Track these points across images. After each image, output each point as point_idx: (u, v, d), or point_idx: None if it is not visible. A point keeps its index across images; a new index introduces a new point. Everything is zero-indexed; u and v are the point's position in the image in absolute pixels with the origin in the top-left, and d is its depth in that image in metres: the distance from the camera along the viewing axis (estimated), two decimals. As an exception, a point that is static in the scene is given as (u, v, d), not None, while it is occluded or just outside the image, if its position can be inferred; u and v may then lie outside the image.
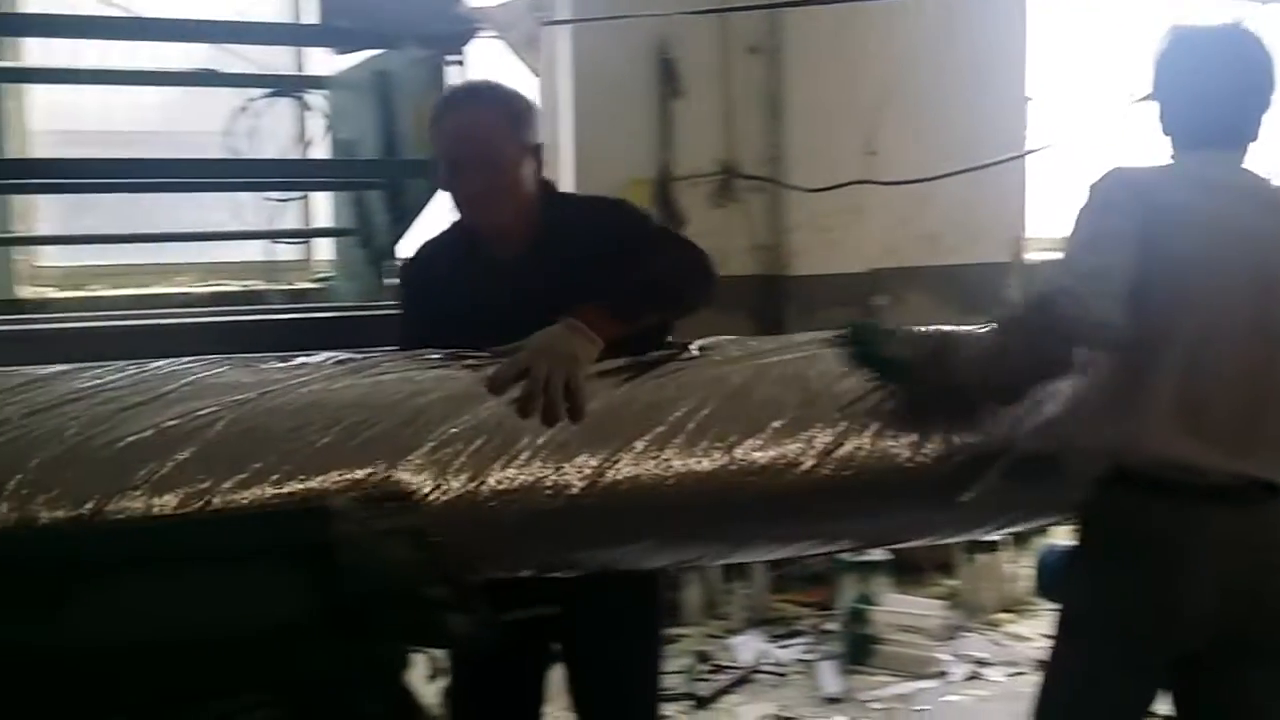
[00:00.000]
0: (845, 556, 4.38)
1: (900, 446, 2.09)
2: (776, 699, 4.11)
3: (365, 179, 3.39)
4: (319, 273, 4.61)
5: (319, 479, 1.77)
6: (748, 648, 4.48)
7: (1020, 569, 4.83)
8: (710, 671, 4.28)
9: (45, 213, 4.51)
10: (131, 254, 4.57)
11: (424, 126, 2.87)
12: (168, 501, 1.70)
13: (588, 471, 1.92)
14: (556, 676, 2.47)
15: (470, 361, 2.02)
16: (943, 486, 2.13)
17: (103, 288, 4.46)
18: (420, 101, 3.03)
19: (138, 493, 1.68)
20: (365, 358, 2.01)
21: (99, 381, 1.84)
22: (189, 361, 1.95)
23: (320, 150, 3.91)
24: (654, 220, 2.39)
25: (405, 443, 1.83)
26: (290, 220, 4.48)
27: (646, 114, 5.03)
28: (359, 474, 1.79)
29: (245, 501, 1.73)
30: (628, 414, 1.99)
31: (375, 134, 3.34)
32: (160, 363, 1.94)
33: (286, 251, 4.66)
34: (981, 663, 4.39)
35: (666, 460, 1.96)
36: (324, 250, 4.64)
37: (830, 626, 4.59)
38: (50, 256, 4.53)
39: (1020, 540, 4.64)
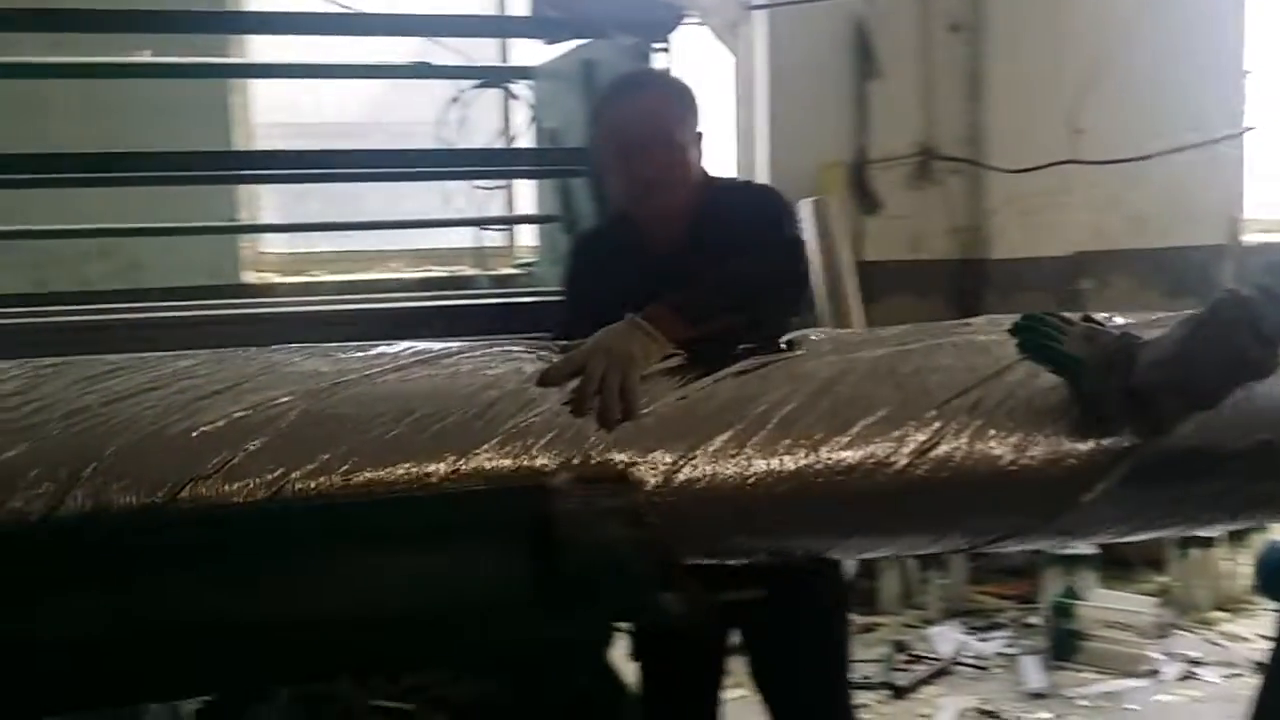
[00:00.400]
0: (1050, 550, 4.26)
1: (1003, 448, 1.95)
2: (977, 692, 4.04)
3: (571, 167, 3.45)
4: (521, 258, 4.74)
5: (386, 471, 1.76)
6: (946, 639, 4.42)
7: (1238, 566, 4.62)
8: (908, 662, 4.23)
9: (268, 202, 4.75)
10: (348, 241, 4.78)
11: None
12: (238, 490, 1.71)
13: (662, 468, 1.85)
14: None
15: (549, 354, 2.00)
16: (1052, 489, 1.98)
17: (322, 273, 4.68)
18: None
19: (209, 481, 1.70)
20: (444, 349, 2.00)
21: (179, 369, 1.87)
22: (271, 350, 1.97)
23: (525, 139, 4.00)
24: (788, 218, 2.30)
25: (475, 436, 1.80)
26: (495, 208, 4.61)
27: (842, 96, 4.99)
28: (429, 467, 1.77)
29: (314, 492, 1.72)
30: (707, 409, 1.91)
31: (580, 122, 3.39)
32: (242, 351, 1.97)
33: (491, 237, 4.79)
34: (1195, 662, 4.23)
35: (747, 458, 1.88)
36: (526, 236, 4.76)
37: (1033, 620, 4.49)
38: (273, 243, 4.77)
39: (1237, 537, 4.44)
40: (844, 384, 1.97)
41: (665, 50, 3.10)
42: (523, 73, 3.89)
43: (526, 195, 4.69)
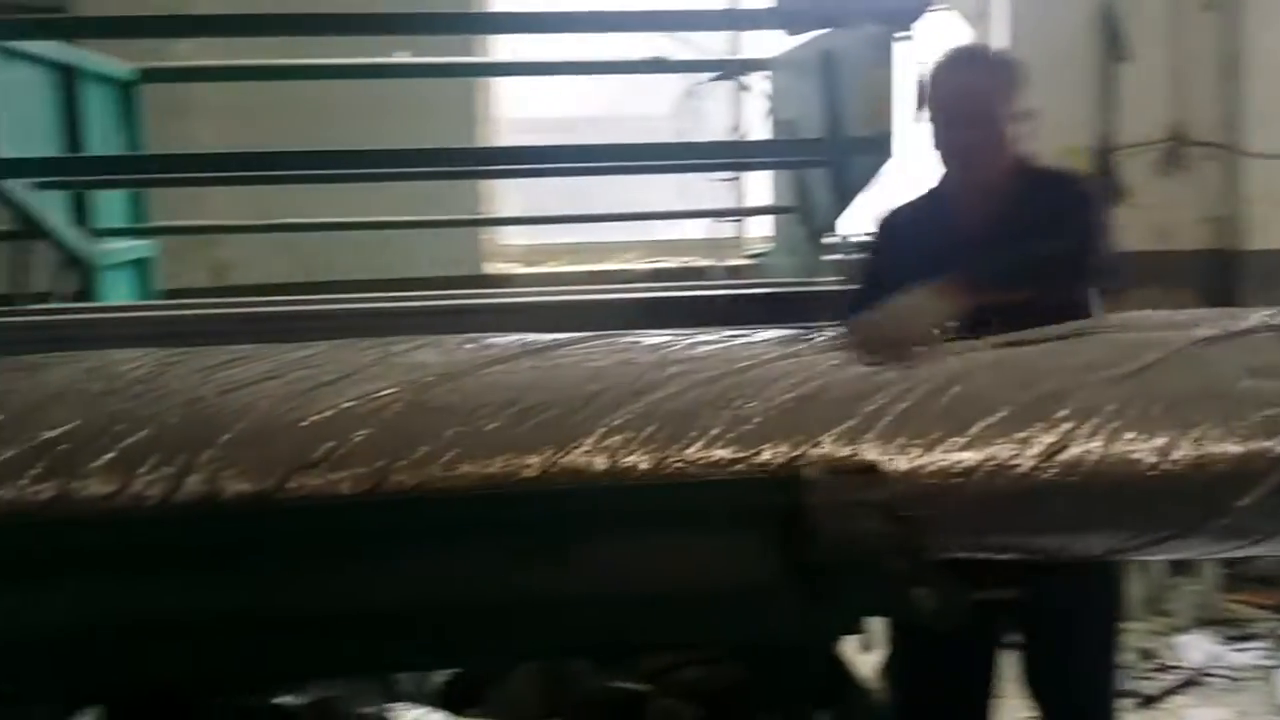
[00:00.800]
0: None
1: (1143, 450, 1.84)
2: (1231, 704, 3.86)
3: (810, 158, 3.43)
4: (752, 250, 4.74)
5: (484, 463, 1.79)
6: (1196, 648, 4.22)
7: None
8: (1156, 670, 4.07)
9: (508, 195, 4.88)
10: (584, 233, 4.88)
11: (877, 101, 2.91)
12: (343, 479, 1.76)
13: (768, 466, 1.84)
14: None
15: (651, 343, 2.02)
16: (1200, 495, 1.86)
17: (559, 264, 4.81)
18: (867, 78, 3.03)
19: (315, 470, 1.76)
20: (552, 340, 2.03)
21: (297, 359, 1.95)
22: (387, 342, 2.03)
23: (760, 131, 4.00)
24: (1094, 208, 2.29)
25: (575, 429, 1.83)
26: (724, 200, 4.63)
27: (1086, 79, 4.83)
28: (527, 459, 1.80)
29: (413, 484, 1.77)
30: (819, 404, 1.89)
31: (818, 113, 3.37)
32: (359, 342, 2.04)
33: (721, 229, 4.82)
34: None
35: (856, 457, 1.84)
36: (756, 227, 4.76)
37: (1292, 633, 4.25)
38: (512, 235, 4.92)
39: None
40: (968, 381, 1.92)
41: (908, 39, 3.05)
42: (760, 64, 3.89)
43: (756, 186, 4.68)
